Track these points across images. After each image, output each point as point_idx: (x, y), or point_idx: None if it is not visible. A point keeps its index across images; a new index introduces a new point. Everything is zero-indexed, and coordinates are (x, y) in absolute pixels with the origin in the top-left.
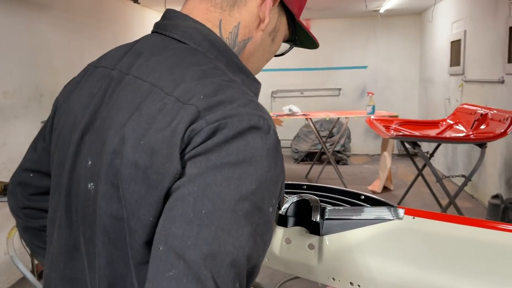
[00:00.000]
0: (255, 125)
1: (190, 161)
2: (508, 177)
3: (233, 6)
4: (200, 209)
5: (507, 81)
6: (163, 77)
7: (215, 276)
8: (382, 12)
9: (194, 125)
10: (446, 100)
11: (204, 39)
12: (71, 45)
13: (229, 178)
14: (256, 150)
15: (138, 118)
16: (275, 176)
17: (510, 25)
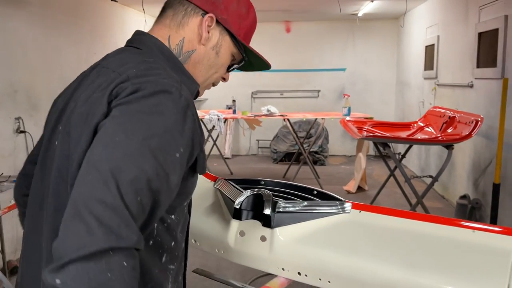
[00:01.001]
0: (167, 90)
1: (116, 108)
2: (476, 178)
3: (178, 26)
4: (114, 137)
5: (476, 86)
6: (115, 63)
7: (119, 184)
8: (360, 16)
9: (122, 84)
10: (421, 103)
11: (155, 48)
12: (47, 42)
13: (141, 120)
14: (166, 107)
15: (91, 86)
16: (181, 129)
17: (479, 31)
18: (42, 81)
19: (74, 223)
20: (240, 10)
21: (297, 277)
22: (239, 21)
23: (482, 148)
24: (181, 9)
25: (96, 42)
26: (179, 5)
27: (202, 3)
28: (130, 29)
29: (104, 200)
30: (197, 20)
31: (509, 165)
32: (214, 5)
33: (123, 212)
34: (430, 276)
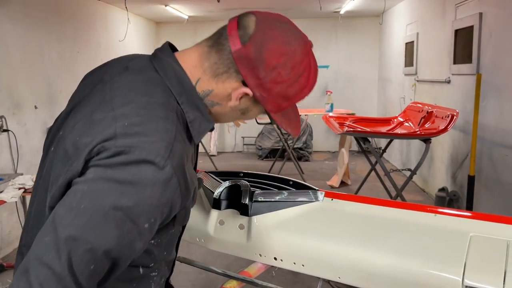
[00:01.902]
0: (151, 160)
1: (93, 167)
2: (453, 171)
3: (214, 77)
4: (80, 203)
5: (453, 81)
6: (119, 96)
7: (71, 253)
8: (342, 14)
9: (106, 143)
10: (402, 98)
11: (174, 76)
12: (29, 40)
13: (112, 190)
14: (143, 179)
15: (87, 120)
16: (156, 201)
17: (456, 28)
18: (24, 80)
19: (22, 280)
20: (287, 93)
21: (273, 262)
22: (280, 101)
23: (459, 142)
24: (226, 64)
25: (78, 40)
26: (226, 59)
27: (248, 75)
28: (113, 27)
29: (52, 267)
30: (234, 85)
31: (483, 158)
32: (259, 81)
33: (67, 283)
34: (396, 256)
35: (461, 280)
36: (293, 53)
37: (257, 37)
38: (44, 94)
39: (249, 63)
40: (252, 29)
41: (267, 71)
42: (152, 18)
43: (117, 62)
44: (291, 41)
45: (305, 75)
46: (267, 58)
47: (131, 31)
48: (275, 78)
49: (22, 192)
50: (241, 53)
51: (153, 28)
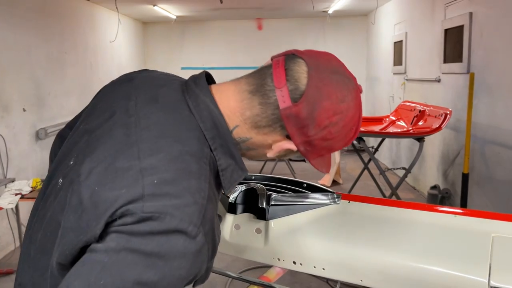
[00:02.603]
0: (182, 229)
1: (114, 234)
2: (445, 169)
3: (254, 127)
4: (100, 279)
5: (443, 80)
6: (148, 140)
7: None
8: (330, 13)
9: (131, 205)
10: (390, 97)
11: (210, 119)
12: (16, 42)
13: (137, 263)
14: (173, 250)
15: (108, 167)
16: (184, 274)
17: (445, 27)
18: (12, 82)
19: None
20: (333, 146)
21: (292, 266)
22: (324, 153)
23: (450, 140)
24: (270, 119)
25: (66, 41)
26: (271, 114)
27: (295, 134)
28: (100, 27)
29: None
30: (277, 138)
31: (476, 155)
32: (306, 138)
33: None
34: (419, 259)
35: (487, 282)
36: (346, 111)
37: (310, 95)
38: (32, 96)
39: (299, 122)
40: (304, 84)
41: (317, 130)
42: (139, 18)
43: (144, 85)
44: (345, 96)
45: (354, 129)
46: (320, 117)
47: (119, 31)
48: (325, 136)
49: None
50: (291, 112)
51: (140, 28)
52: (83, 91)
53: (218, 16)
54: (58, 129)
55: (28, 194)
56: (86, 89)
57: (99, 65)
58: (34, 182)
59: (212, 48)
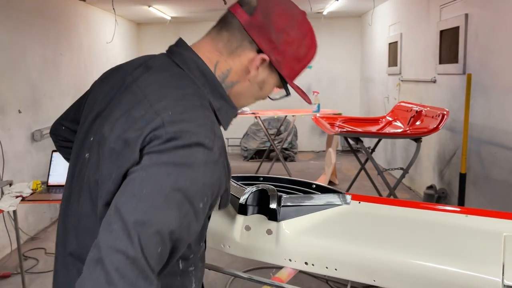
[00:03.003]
0: (201, 142)
1: (147, 155)
2: (441, 169)
3: (230, 54)
4: (142, 189)
5: (439, 81)
6: (153, 92)
7: (141, 237)
8: (325, 14)
9: (156, 132)
10: (385, 98)
11: (196, 69)
12: (12, 43)
13: (170, 173)
14: (196, 159)
15: (127, 118)
16: (208, 180)
17: (441, 29)
18: (7, 84)
19: (96, 270)
20: (299, 53)
21: (304, 266)
22: (294, 64)
23: (446, 140)
24: (238, 38)
25: (61, 43)
26: (237, 33)
27: (261, 40)
28: (95, 28)
29: (126, 252)
30: (250, 56)
31: (472, 155)
32: (272, 45)
33: (142, 265)
34: (431, 258)
35: (501, 281)
36: (296, 16)
37: (262, 5)
38: (28, 97)
39: (260, 29)
40: (255, 2)
41: (277, 33)
42: (133, 19)
43: (131, 64)
44: (291, 6)
45: (309, 35)
46: (276, 21)
47: (113, 32)
48: (286, 39)
49: (20, 201)
50: (251, 22)
51: (134, 29)
52: (78, 92)
53: (213, 17)
54: None
55: (28, 196)
56: (81, 90)
57: (94, 66)
58: (35, 184)
59: None
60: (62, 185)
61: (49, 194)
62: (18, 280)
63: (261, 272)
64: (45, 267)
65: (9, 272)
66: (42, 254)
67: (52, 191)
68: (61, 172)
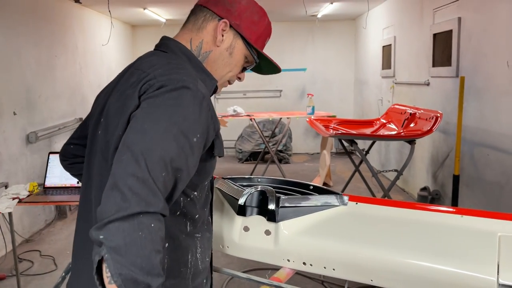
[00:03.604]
0: (186, 86)
1: (145, 101)
2: (434, 171)
3: (198, 29)
4: (144, 124)
5: (432, 84)
6: (145, 65)
7: (147, 161)
8: (319, 17)
9: (150, 81)
10: (379, 100)
11: (179, 50)
12: (6, 44)
13: (165, 111)
14: (185, 99)
15: (125, 84)
16: (197, 117)
17: (434, 32)
18: (2, 85)
19: (113, 193)
20: (253, 18)
21: (302, 267)
22: (251, 26)
23: (439, 143)
24: (201, 15)
25: (56, 44)
26: (200, 12)
27: (219, 10)
28: (90, 30)
29: (136, 174)
30: (214, 25)
31: (465, 157)
32: (228, 12)
33: (151, 184)
34: (428, 258)
35: (496, 280)
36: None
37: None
38: (22, 99)
39: (215, 2)
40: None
41: (230, 3)
42: (128, 22)
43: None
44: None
45: (256, 5)
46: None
47: (109, 34)
48: (238, 6)
49: (17, 203)
50: None
51: (129, 31)
52: (73, 94)
53: None
54: (48, 132)
55: (25, 198)
56: (76, 92)
57: (88, 68)
58: (31, 186)
59: None
60: (59, 187)
61: (46, 196)
62: (13, 283)
63: (257, 273)
64: (40, 269)
65: (4, 274)
66: (37, 256)
67: (48, 193)
68: (57, 174)
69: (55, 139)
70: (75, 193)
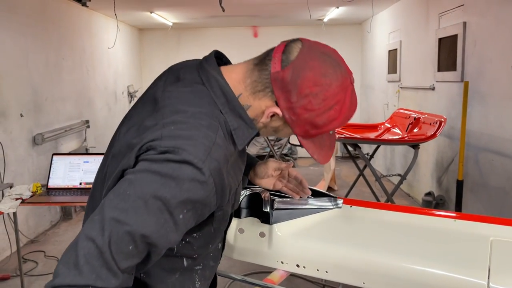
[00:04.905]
0: (190, 161)
1: (141, 161)
2: (439, 176)
3: (252, 93)
4: (126, 190)
5: (437, 88)
6: (169, 106)
7: (112, 232)
8: (325, 22)
9: (153, 142)
10: (385, 105)
11: (218, 88)
12: (15, 47)
13: (155, 181)
14: (183, 175)
15: (140, 126)
16: (191, 197)
17: (439, 37)
18: (10, 87)
19: (70, 251)
20: (316, 122)
21: (296, 269)
22: (308, 128)
23: (444, 148)
24: (263, 83)
25: (64, 47)
26: (265, 79)
27: (280, 97)
28: (97, 33)
29: (96, 242)
30: (268, 103)
31: (469, 162)
32: (290, 105)
33: (107, 257)
34: (419, 261)
35: (486, 284)
36: (328, 86)
37: (297, 64)
38: (30, 101)
39: (284, 86)
40: (295, 55)
41: (298, 97)
42: (135, 25)
43: (171, 71)
44: (328, 73)
45: (336, 109)
46: (301, 85)
47: (115, 37)
48: (305, 105)
49: (20, 203)
50: (278, 75)
51: (136, 34)
52: (80, 96)
53: (214, 23)
54: (54, 134)
55: (28, 199)
56: (82, 95)
57: (95, 71)
58: (34, 187)
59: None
60: (62, 188)
61: (49, 197)
62: (17, 283)
63: (259, 276)
64: (44, 270)
65: (8, 274)
66: (41, 256)
67: (52, 193)
68: (60, 175)
69: (61, 141)
70: (77, 194)
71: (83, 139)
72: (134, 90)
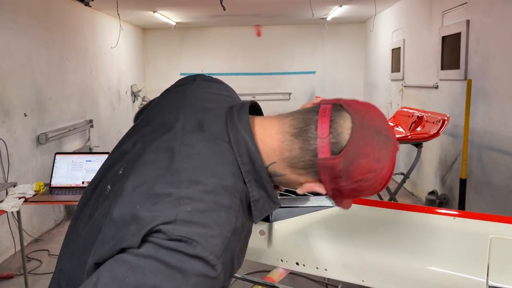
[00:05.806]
0: (203, 257)
1: (147, 243)
2: (442, 175)
3: (290, 167)
4: (126, 276)
5: (441, 87)
6: (188, 171)
7: None
8: (329, 20)
9: (165, 226)
10: (388, 103)
11: (246, 154)
12: (18, 47)
13: (159, 271)
14: (192, 269)
15: (150, 188)
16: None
17: (443, 35)
18: (13, 87)
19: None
20: (360, 195)
21: (295, 267)
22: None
23: (448, 146)
24: (307, 164)
25: (67, 47)
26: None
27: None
28: (101, 33)
29: None
30: (309, 179)
31: (473, 161)
32: (337, 186)
33: None
34: (419, 259)
35: (485, 281)
36: (380, 170)
37: (349, 151)
38: (33, 101)
39: (333, 173)
40: (346, 140)
41: (349, 182)
42: (139, 25)
43: (193, 106)
44: (382, 158)
45: (383, 184)
46: (354, 173)
47: (118, 37)
48: (356, 188)
49: (23, 202)
50: (328, 163)
51: (139, 34)
52: (83, 96)
53: (218, 22)
54: (58, 134)
55: (31, 197)
56: (86, 95)
57: (99, 70)
58: (37, 186)
59: (211, 54)
60: (65, 187)
61: (52, 196)
62: (21, 281)
63: (260, 275)
64: (48, 269)
65: (12, 273)
66: (45, 255)
67: (54, 192)
68: (63, 174)
69: (65, 140)
70: (80, 193)
71: (87, 138)
72: (138, 89)
